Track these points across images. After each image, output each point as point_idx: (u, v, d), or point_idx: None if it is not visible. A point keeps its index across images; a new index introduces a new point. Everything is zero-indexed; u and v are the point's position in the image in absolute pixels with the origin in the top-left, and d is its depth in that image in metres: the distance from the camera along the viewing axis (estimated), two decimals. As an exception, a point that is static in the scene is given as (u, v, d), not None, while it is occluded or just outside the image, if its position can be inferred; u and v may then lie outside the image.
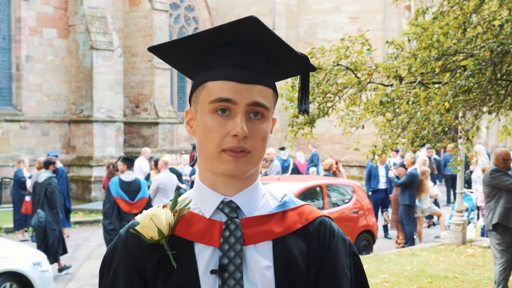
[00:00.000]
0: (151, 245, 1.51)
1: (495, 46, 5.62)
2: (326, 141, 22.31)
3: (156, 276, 1.50)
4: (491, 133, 26.43)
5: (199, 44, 1.51)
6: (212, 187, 1.54)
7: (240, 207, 1.53)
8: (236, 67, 1.48)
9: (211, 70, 1.50)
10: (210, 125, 1.47)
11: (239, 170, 1.48)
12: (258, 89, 1.48)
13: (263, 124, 1.50)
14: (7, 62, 18.04)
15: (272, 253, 1.51)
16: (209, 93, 1.48)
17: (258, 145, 1.49)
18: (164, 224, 1.51)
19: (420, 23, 6.63)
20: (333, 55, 6.65)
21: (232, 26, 1.46)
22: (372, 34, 13.86)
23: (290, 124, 6.85)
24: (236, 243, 1.49)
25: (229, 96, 1.46)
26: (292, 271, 1.50)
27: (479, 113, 7.22)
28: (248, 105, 1.47)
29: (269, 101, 1.51)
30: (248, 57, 1.49)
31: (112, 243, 1.59)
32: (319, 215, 1.60)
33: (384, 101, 6.16)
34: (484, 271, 9.34)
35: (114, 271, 1.54)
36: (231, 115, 1.47)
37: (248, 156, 1.47)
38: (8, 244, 8.39)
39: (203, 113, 1.49)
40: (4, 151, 17.45)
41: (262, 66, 1.51)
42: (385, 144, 6.85)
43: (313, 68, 1.57)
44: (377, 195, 13.61)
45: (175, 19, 23.06)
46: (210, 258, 1.50)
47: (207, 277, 1.48)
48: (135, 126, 21.32)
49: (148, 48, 1.56)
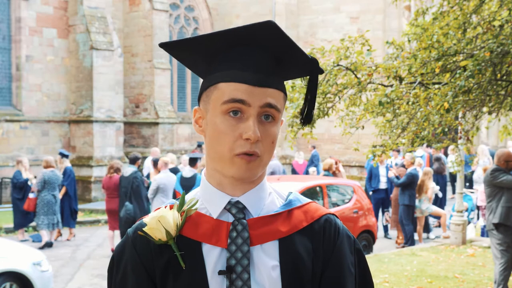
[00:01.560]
0: (160, 246, 1.52)
1: (495, 47, 5.63)
2: (326, 141, 22.32)
3: (165, 277, 1.51)
4: (491, 133, 26.43)
5: (214, 45, 1.51)
6: (219, 187, 1.54)
7: (247, 208, 1.54)
8: (250, 70, 1.48)
9: (224, 71, 1.50)
10: (221, 127, 1.48)
11: (249, 173, 1.49)
12: (270, 91, 1.49)
13: (274, 127, 1.51)
14: (7, 62, 18.03)
15: (278, 253, 1.52)
16: (222, 94, 1.48)
17: (268, 149, 1.50)
18: (172, 225, 1.51)
19: (420, 23, 6.64)
20: (333, 56, 6.66)
21: (250, 30, 1.47)
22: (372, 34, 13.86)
23: (290, 124, 6.85)
24: (243, 244, 1.50)
25: (242, 97, 1.46)
26: (298, 270, 1.51)
27: (479, 114, 7.22)
28: (261, 107, 1.47)
29: (280, 104, 1.52)
30: (262, 60, 1.50)
31: (120, 243, 1.59)
32: (325, 213, 1.61)
33: (384, 102, 6.16)
34: (484, 271, 9.35)
35: (123, 271, 1.55)
36: (243, 118, 1.47)
37: (258, 160, 1.48)
38: (8, 244, 8.39)
39: (214, 114, 1.50)
40: (4, 151, 17.45)
41: (274, 69, 1.52)
42: (385, 145, 6.85)
43: (321, 71, 1.58)
44: (378, 195, 13.61)
45: (175, 19, 23.05)
46: (217, 258, 1.51)
47: (215, 277, 1.49)
48: (135, 126, 21.32)
49: (160, 44, 1.55)
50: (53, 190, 12.16)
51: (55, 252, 11.52)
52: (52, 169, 12.25)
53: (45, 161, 12.39)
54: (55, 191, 12.24)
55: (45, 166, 12.28)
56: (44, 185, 12.04)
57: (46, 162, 12.34)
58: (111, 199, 11.34)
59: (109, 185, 11.36)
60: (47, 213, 12.04)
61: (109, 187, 11.38)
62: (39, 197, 12.07)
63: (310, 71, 1.57)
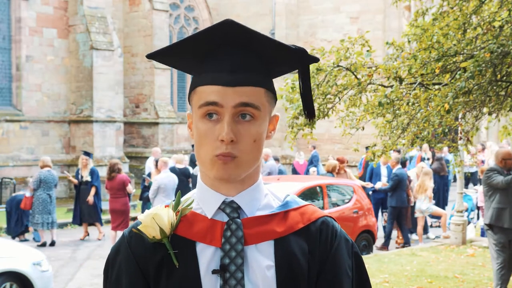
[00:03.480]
0: (154, 244, 1.52)
1: (495, 47, 5.63)
2: (326, 141, 22.33)
3: (159, 275, 1.51)
4: (491, 133, 26.44)
5: (185, 51, 1.53)
6: (213, 187, 1.55)
7: (242, 207, 1.54)
8: (224, 71, 1.48)
9: (202, 75, 1.51)
10: (201, 130, 1.49)
11: (227, 174, 1.48)
12: (245, 90, 1.48)
13: (254, 125, 1.49)
14: (7, 62, 18.03)
15: (274, 253, 1.52)
16: (199, 98, 1.50)
17: (247, 148, 1.48)
18: (166, 223, 1.52)
19: (420, 24, 6.63)
20: (333, 56, 6.65)
21: (211, 31, 1.47)
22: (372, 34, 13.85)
23: (290, 125, 6.84)
24: (237, 243, 1.50)
25: (215, 99, 1.47)
26: (294, 271, 1.51)
27: (479, 114, 7.23)
28: (235, 106, 1.46)
29: (260, 101, 1.50)
30: (235, 59, 1.49)
31: (116, 243, 1.60)
32: (322, 215, 1.60)
33: (384, 102, 6.16)
34: (484, 271, 9.35)
35: (118, 271, 1.55)
36: (219, 119, 1.48)
37: (235, 160, 1.47)
38: (8, 244, 8.40)
39: (196, 118, 1.51)
40: (4, 151, 17.44)
41: (251, 66, 1.50)
42: (385, 145, 6.85)
43: (314, 59, 1.55)
44: (378, 195, 13.60)
45: (175, 19, 23.05)
46: (211, 257, 1.51)
47: (208, 276, 1.49)
48: (135, 126, 21.33)
49: (147, 56, 1.58)
50: (48, 189, 12.23)
51: (55, 252, 11.52)
52: (48, 168, 12.32)
53: (42, 161, 12.47)
54: (51, 190, 12.32)
55: (41, 166, 12.37)
56: (40, 184, 12.13)
57: (42, 162, 12.42)
58: (115, 199, 11.39)
59: (113, 185, 11.40)
60: (42, 212, 12.09)
61: (112, 187, 11.43)
62: (35, 196, 12.14)
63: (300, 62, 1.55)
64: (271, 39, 1.50)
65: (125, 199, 11.45)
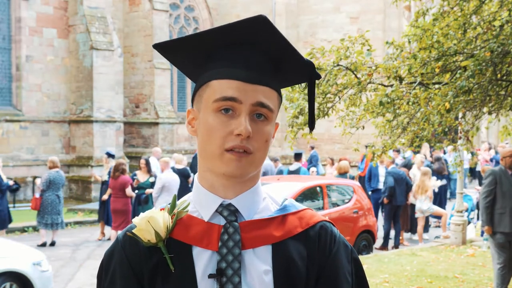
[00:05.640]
0: (149, 248, 1.49)
1: (495, 47, 5.62)
2: (326, 141, 22.32)
3: (154, 280, 1.48)
4: (491, 133, 26.43)
5: (206, 43, 1.49)
6: (211, 190, 1.51)
7: (239, 211, 1.51)
8: (242, 67, 1.46)
9: (216, 69, 1.48)
10: (212, 124, 1.45)
11: (240, 170, 1.45)
12: (263, 90, 1.46)
13: (267, 126, 1.47)
14: (7, 62, 18.03)
15: (271, 257, 1.49)
16: (214, 91, 1.46)
17: (260, 147, 1.46)
18: (162, 227, 1.48)
19: (420, 24, 6.62)
20: (333, 56, 6.64)
21: (241, 25, 1.44)
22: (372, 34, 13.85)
23: (290, 124, 6.83)
24: (234, 247, 1.47)
25: (234, 95, 1.44)
26: (291, 276, 1.48)
27: (479, 114, 7.22)
28: (253, 105, 1.44)
29: (274, 103, 1.49)
30: (254, 57, 1.48)
31: (110, 247, 1.56)
32: (320, 220, 1.57)
33: (384, 102, 6.16)
34: (484, 271, 9.34)
35: (112, 275, 1.52)
36: (234, 115, 1.44)
37: (250, 157, 1.45)
38: (8, 244, 8.39)
39: (206, 112, 1.47)
40: (4, 151, 17.44)
41: (267, 67, 1.49)
42: (385, 145, 6.85)
43: (318, 76, 1.54)
44: (377, 195, 13.60)
45: (175, 19, 23.05)
46: (208, 261, 1.47)
47: (205, 281, 1.46)
48: (135, 126, 21.32)
49: (153, 45, 1.54)
50: (57, 190, 12.23)
51: (55, 252, 11.52)
52: (57, 169, 12.31)
53: (51, 161, 12.44)
54: (59, 191, 12.33)
55: (50, 167, 12.34)
56: (49, 185, 12.11)
57: (51, 163, 12.39)
58: (116, 199, 11.44)
59: (115, 185, 11.44)
60: (51, 212, 12.10)
61: (114, 187, 11.46)
62: (44, 197, 12.13)
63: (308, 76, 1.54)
64: (291, 45, 1.48)
65: (126, 199, 11.48)
